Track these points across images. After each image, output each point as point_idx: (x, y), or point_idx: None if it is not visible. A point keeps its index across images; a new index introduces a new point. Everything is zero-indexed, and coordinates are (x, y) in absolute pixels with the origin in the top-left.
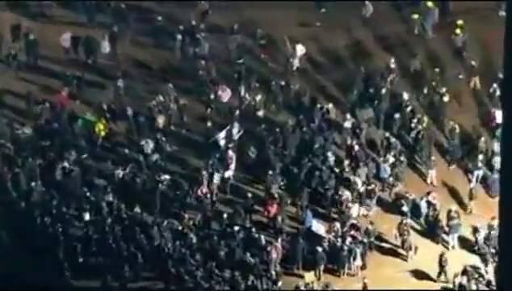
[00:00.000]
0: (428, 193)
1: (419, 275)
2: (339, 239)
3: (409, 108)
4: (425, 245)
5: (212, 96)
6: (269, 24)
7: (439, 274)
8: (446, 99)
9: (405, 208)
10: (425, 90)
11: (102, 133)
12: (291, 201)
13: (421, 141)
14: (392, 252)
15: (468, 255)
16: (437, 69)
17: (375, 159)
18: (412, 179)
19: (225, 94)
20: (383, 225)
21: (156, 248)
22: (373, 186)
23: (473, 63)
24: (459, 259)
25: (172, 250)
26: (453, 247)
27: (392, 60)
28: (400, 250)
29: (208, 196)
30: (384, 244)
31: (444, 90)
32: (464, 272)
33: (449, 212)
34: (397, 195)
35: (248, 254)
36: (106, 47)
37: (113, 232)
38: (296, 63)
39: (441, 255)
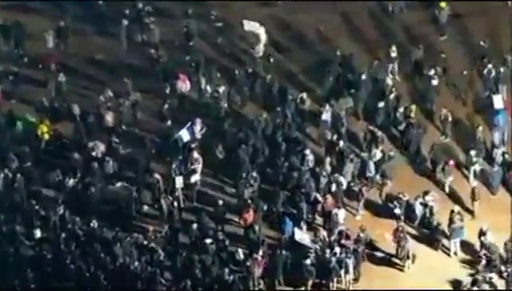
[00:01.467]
0: (425, 193)
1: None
2: (327, 249)
3: (392, 95)
4: (422, 252)
5: (168, 90)
6: (224, 5)
7: None
8: (435, 82)
9: (398, 211)
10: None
11: (46, 136)
12: (268, 207)
13: (410, 133)
14: (387, 262)
15: (473, 262)
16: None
17: (360, 155)
18: (403, 177)
19: (184, 86)
20: (374, 231)
21: (120, 267)
22: (360, 186)
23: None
24: (462, 267)
25: (139, 269)
26: (455, 254)
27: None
28: (395, 259)
29: (175, 204)
30: (377, 253)
31: (432, 72)
32: (474, 283)
33: (451, 213)
34: (388, 196)
35: (226, 270)
36: (50, 40)
37: (70, 250)
38: (261, 49)
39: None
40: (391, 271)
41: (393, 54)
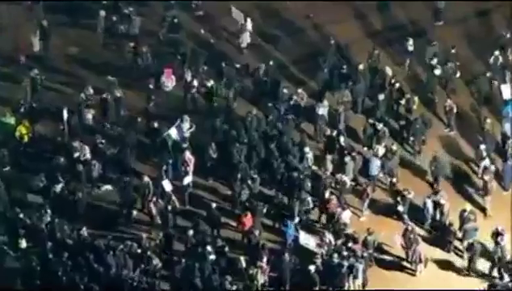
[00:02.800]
0: (435, 192)
1: None
2: (335, 254)
3: (393, 87)
4: (434, 255)
5: (152, 86)
6: None
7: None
8: (437, 72)
9: (401, 208)
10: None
11: (26, 138)
12: (267, 211)
13: (414, 127)
14: (397, 266)
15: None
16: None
17: (361, 152)
18: (406, 175)
19: (170, 81)
20: (380, 232)
21: (115, 278)
22: (365, 185)
23: None
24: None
25: (136, 280)
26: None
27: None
28: (405, 263)
29: (169, 208)
30: (385, 256)
31: (435, 61)
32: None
33: (462, 213)
34: (393, 193)
35: (227, 279)
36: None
37: (60, 261)
38: (247, 38)
39: None
40: (401, 275)
41: (410, 48)
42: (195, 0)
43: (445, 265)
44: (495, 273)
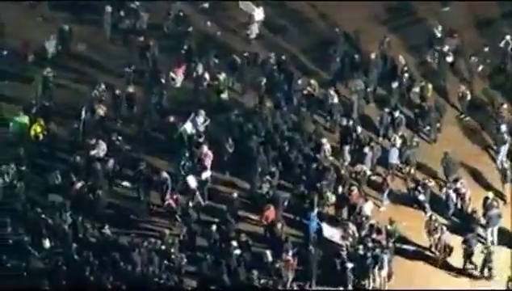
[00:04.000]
0: (455, 180)
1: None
2: (360, 246)
3: (406, 75)
4: (457, 244)
5: (163, 80)
6: None
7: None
8: (449, 59)
9: (422, 198)
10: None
11: (40, 137)
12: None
13: (428, 115)
14: (421, 256)
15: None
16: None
17: (378, 142)
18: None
19: (180, 76)
20: (401, 222)
21: (142, 276)
22: (385, 175)
23: None
24: (502, 257)
25: (163, 277)
26: (492, 243)
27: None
28: (428, 253)
29: (190, 204)
30: (408, 246)
31: (446, 48)
32: None
33: (485, 200)
34: (413, 182)
35: (254, 273)
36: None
37: (85, 260)
38: (255, 29)
39: None
40: (425, 265)
41: (439, 34)
42: None
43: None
44: None
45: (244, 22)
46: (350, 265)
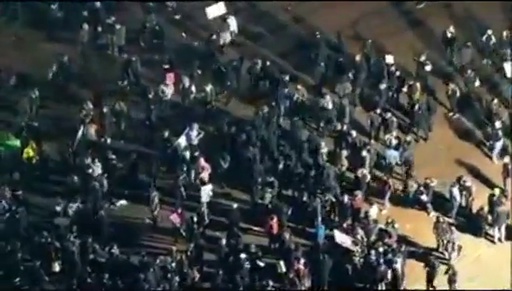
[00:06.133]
0: (458, 178)
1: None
2: (372, 250)
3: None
4: (465, 243)
5: (152, 94)
6: None
7: None
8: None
9: (425, 198)
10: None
11: (33, 160)
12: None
13: (418, 114)
14: (430, 257)
15: None
16: None
17: (372, 144)
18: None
19: (169, 89)
20: (405, 225)
21: None
22: (386, 177)
23: None
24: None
25: None
26: (500, 240)
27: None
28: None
29: (195, 219)
30: (415, 248)
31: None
32: None
33: (491, 197)
34: (415, 183)
35: (269, 285)
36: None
37: (99, 282)
38: (228, 37)
39: None
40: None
41: (449, 34)
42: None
43: (479, 252)
44: None
45: (217, 30)
46: (362, 270)
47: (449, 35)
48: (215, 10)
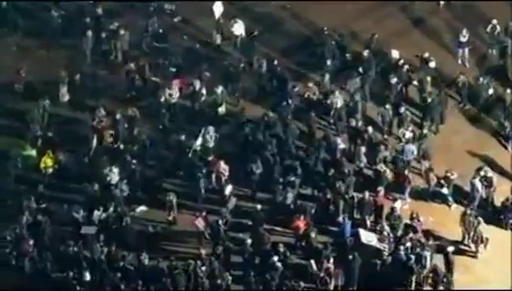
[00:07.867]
0: (478, 169)
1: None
2: (400, 246)
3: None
4: (491, 234)
5: (163, 98)
6: None
7: None
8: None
9: (445, 191)
10: None
11: (50, 170)
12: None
13: (431, 107)
14: (457, 250)
15: None
16: None
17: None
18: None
19: (176, 93)
20: (428, 218)
21: None
22: (405, 172)
23: None
24: None
25: None
26: None
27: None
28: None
29: (220, 222)
30: (441, 242)
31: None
32: None
33: None
34: (435, 176)
35: (301, 285)
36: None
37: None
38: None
39: None
40: (464, 259)
41: (463, 39)
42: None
43: (505, 243)
44: None
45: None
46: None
47: (462, 39)
48: (219, 8)
